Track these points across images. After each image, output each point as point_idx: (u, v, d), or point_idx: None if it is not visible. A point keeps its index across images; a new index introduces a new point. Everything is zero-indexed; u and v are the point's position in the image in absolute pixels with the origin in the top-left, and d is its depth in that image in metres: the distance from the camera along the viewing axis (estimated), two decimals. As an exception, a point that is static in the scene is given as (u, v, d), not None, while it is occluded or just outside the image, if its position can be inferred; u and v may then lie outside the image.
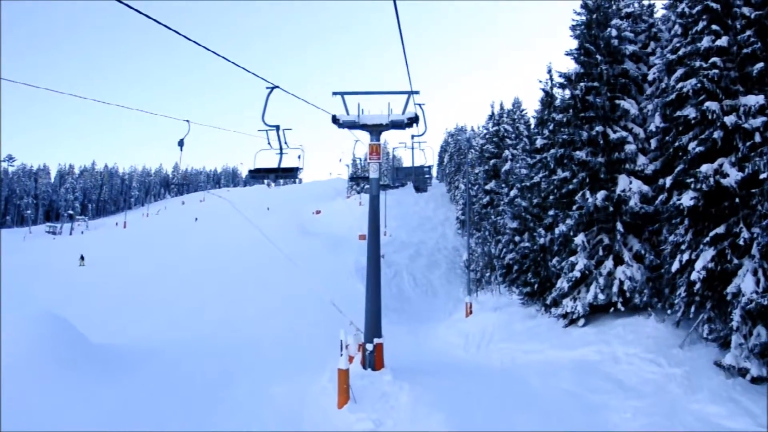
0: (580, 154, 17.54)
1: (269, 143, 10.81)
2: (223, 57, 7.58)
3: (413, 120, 15.07)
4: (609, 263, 16.62)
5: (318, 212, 73.41)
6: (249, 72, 8.80)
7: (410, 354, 19.32)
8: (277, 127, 10.69)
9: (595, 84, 18.20)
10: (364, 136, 15.53)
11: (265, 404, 13.17)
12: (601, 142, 17.37)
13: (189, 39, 6.53)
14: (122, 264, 35.92)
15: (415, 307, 32.70)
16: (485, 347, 19.57)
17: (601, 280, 16.47)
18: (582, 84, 18.38)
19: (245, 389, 14.48)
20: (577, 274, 16.79)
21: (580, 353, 15.32)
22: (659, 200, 15.25)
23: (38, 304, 17.97)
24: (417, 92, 15.08)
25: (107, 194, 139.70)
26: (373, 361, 14.04)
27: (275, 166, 10.59)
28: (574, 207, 17.61)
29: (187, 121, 10.52)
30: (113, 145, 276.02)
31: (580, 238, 16.97)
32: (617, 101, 17.87)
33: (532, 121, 40.81)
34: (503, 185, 38.28)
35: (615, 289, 16.15)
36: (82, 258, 42.49)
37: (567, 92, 20.48)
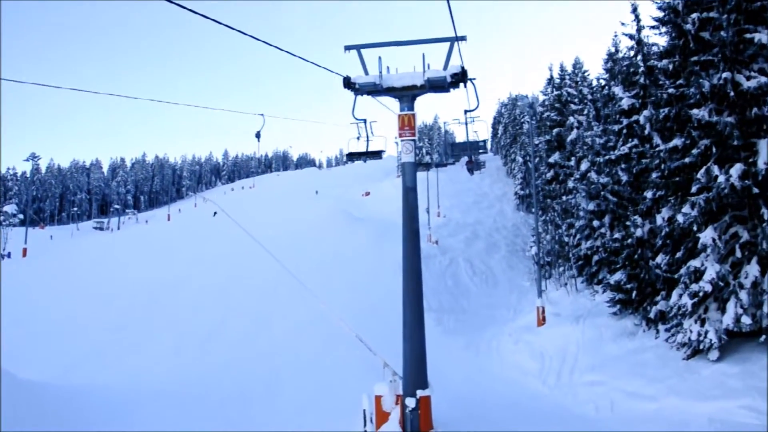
0: (700, 113, 12.27)
1: (359, 133, 11.87)
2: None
3: (459, 77, 10.25)
4: (752, 269, 11.39)
5: (367, 194, 70.20)
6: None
7: (469, 388, 14.91)
8: (365, 120, 11.56)
9: (713, 14, 12.93)
10: (393, 104, 10.96)
11: None
12: (731, 93, 12.08)
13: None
14: (139, 270, 32.47)
15: (473, 304, 28.01)
16: (568, 378, 14.80)
17: (743, 295, 11.31)
18: (694, 15, 13.11)
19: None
20: (706, 286, 11.58)
21: (719, 407, 10.30)
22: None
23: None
24: (463, 38, 10.11)
25: (159, 185, 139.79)
26: (417, 421, 9.87)
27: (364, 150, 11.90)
28: (693, 187, 12.44)
29: (262, 114, 14.31)
30: (163, 136, 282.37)
31: (708, 235, 11.68)
32: (748, 35, 12.52)
33: (594, 83, 35.25)
34: (570, 157, 33.12)
35: (766, 308, 10.99)
36: None
37: (661, 34, 15.33)
